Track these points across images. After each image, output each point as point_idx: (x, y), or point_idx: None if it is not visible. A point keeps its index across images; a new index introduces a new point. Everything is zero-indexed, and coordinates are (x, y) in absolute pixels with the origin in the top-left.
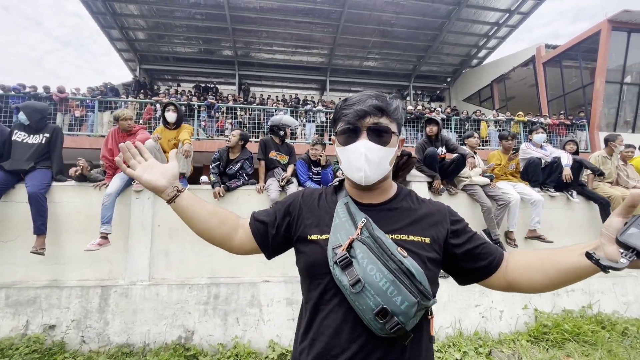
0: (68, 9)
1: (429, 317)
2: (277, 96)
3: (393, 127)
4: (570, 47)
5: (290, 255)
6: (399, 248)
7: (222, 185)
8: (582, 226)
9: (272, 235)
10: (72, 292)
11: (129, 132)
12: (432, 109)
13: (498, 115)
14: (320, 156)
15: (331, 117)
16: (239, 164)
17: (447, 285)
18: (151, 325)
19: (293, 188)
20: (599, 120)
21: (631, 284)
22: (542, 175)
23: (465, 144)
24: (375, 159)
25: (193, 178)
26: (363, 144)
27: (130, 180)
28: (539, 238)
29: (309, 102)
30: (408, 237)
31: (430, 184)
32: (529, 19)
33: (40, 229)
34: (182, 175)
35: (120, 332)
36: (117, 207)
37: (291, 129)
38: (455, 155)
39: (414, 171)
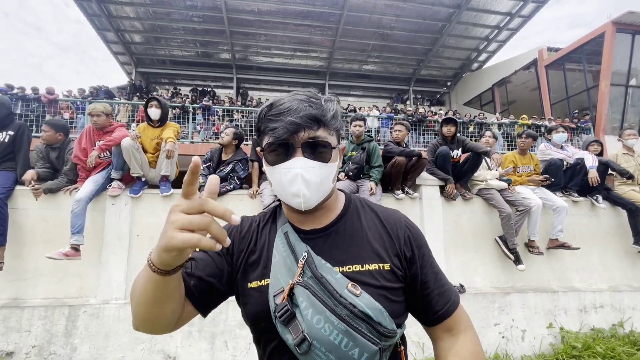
0: (69, 15)
1: (399, 349)
2: None
3: (333, 140)
4: (574, 49)
5: None
6: (350, 284)
7: None
8: (609, 233)
9: (218, 293)
10: (34, 313)
11: (104, 130)
12: (434, 113)
13: (502, 119)
14: None
15: (255, 127)
16: (230, 166)
17: (462, 302)
18: (126, 350)
19: None
20: (604, 123)
21: None
22: (564, 179)
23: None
24: (314, 180)
25: (179, 182)
26: (299, 162)
27: (104, 184)
28: (563, 246)
29: None
30: (362, 267)
31: (442, 188)
32: (528, 24)
33: None
34: (165, 178)
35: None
36: (90, 214)
37: None
38: (468, 154)
39: (424, 174)
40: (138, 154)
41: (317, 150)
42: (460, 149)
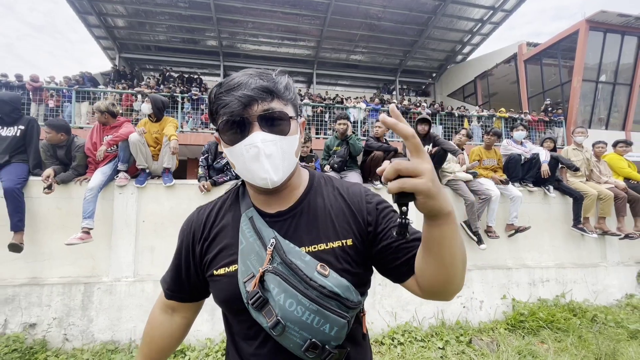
0: None
1: (361, 314)
2: None
3: (289, 111)
4: (550, 45)
5: None
6: (319, 265)
7: (208, 180)
8: (558, 219)
9: (199, 289)
10: (53, 290)
11: (111, 125)
12: (418, 104)
13: (482, 111)
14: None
15: (207, 110)
16: (226, 158)
17: None
18: (137, 321)
19: None
20: (575, 117)
21: (601, 274)
22: (521, 171)
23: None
24: (277, 154)
25: (178, 172)
26: (258, 137)
27: (112, 175)
28: (517, 231)
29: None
30: (327, 245)
31: None
32: (512, 16)
33: (17, 225)
34: (167, 169)
35: (105, 329)
36: (99, 203)
37: None
38: (435, 148)
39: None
40: (144, 148)
41: (275, 123)
42: (431, 144)
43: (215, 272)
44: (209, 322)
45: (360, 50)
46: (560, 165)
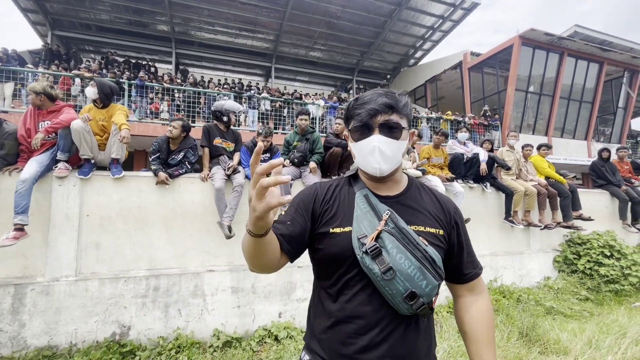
0: None
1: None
2: (219, 80)
3: (403, 123)
4: (490, 56)
5: (235, 243)
6: (420, 237)
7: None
8: (493, 212)
9: (304, 245)
10: None
11: (47, 109)
12: None
13: (431, 113)
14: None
15: (344, 116)
16: (182, 154)
17: None
18: (79, 323)
19: (240, 177)
20: (509, 122)
21: (525, 260)
22: (464, 169)
23: None
24: (388, 152)
25: (124, 165)
26: (376, 138)
27: (50, 165)
28: None
29: (253, 87)
30: (425, 229)
31: None
32: (459, 26)
33: None
34: (116, 160)
35: (41, 334)
36: (34, 195)
37: (235, 115)
38: None
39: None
40: (89, 136)
41: (391, 130)
42: None
43: (331, 230)
44: (162, 319)
45: (319, 47)
46: (495, 165)
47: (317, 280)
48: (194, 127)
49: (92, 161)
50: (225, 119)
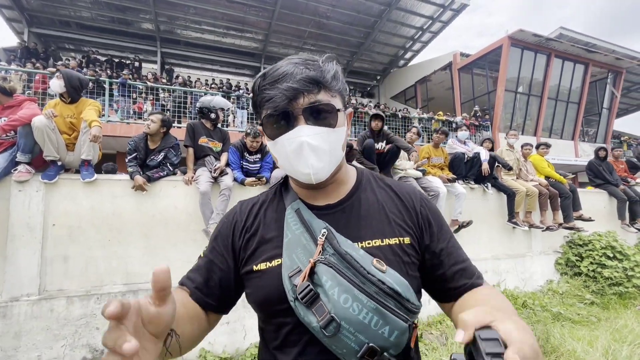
0: None
1: (414, 324)
2: (207, 80)
3: (337, 103)
4: (480, 57)
5: None
6: (374, 260)
7: (142, 175)
8: (495, 213)
9: (231, 291)
10: None
11: (3, 105)
12: (364, 105)
13: (422, 114)
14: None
15: (251, 102)
16: (162, 154)
17: None
18: (42, 349)
19: (227, 179)
20: (499, 122)
21: (528, 263)
22: (464, 169)
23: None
24: (323, 147)
25: (100, 166)
26: (303, 131)
27: (8, 168)
28: (461, 226)
29: (242, 88)
30: (383, 242)
31: None
32: (447, 28)
33: None
34: (87, 162)
35: None
36: None
37: (224, 112)
38: (389, 145)
39: (354, 163)
40: (54, 134)
41: (321, 115)
42: (385, 141)
43: (255, 268)
44: None
45: (309, 47)
46: (496, 164)
47: (260, 334)
48: (179, 127)
49: (59, 163)
50: (212, 115)
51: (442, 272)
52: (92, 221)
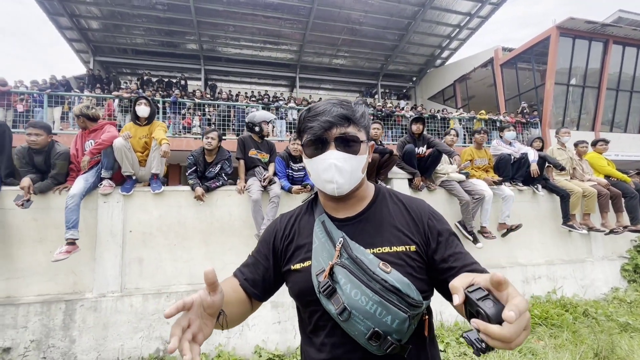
0: None
1: (424, 317)
2: (246, 92)
3: (361, 136)
4: (524, 50)
5: None
6: (381, 263)
7: (201, 186)
8: (546, 216)
9: (271, 284)
10: (30, 309)
11: (90, 129)
12: (402, 108)
13: (462, 113)
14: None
15: (296, 129)
16: (218, 166)
17: None
18: (125, 339)
19: (276, 188)
20: (549, 118)
21: (588, 269)
22: (511, 171)
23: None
24: (346, 168)
25: (165, 177)
26: (332, 154)
27: (95, 182)
28: (509, 230)
29: (280, 99)
30: (391, 249)
31: (410, 181)
32: (485, 24)
33: None
34: (156, 175)
35: (89, 350)
36: (82, 212)
37: (268, 124)
38: (430, 150)
39: (395, 168)
40: (130, 153)
41: (348, 144)
42: (425, 146)
43: (292, 267)
44: None
45: (343, 54)
46: (547, 165)
47: (299, 324)
48: (225, 140)
49: (134, 177)
50: (257, 129)
51: (452, 274)
52: (161, 228)
